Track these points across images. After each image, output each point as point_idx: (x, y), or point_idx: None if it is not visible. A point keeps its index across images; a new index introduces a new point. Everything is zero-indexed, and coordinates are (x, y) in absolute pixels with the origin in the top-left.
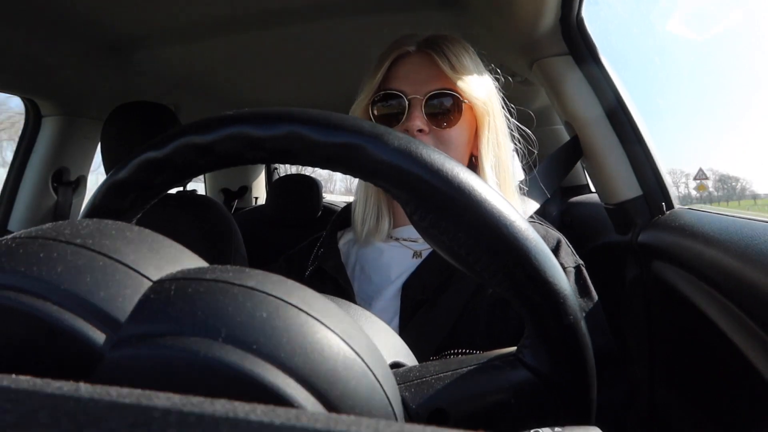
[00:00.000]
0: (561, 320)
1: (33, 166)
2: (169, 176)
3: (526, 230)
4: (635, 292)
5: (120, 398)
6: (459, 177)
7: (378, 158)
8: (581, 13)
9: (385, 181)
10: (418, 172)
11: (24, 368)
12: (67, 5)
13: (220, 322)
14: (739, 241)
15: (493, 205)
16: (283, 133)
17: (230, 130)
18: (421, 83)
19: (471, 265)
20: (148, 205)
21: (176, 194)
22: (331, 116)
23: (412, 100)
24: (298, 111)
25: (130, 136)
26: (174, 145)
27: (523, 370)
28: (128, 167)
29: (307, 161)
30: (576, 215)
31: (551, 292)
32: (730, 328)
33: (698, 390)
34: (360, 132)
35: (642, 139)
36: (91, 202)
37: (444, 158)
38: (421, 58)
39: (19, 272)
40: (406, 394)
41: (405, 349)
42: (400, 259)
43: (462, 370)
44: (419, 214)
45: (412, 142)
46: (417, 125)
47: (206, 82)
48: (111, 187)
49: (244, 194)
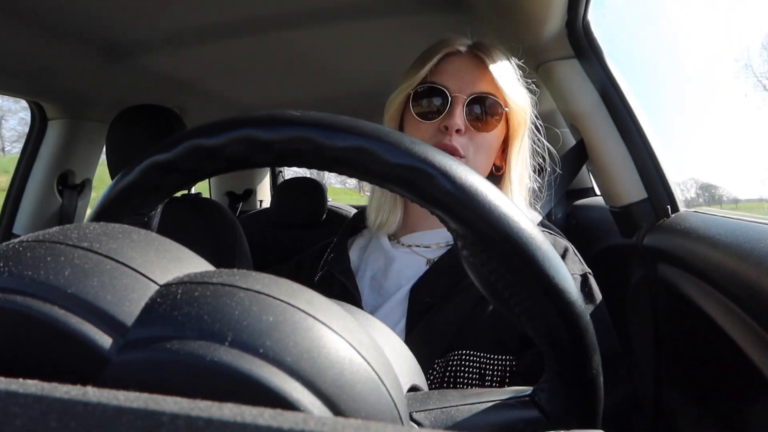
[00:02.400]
0: (584, 374)
1: (38, 169)
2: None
3: (572, 286)
4: (641, 295)
5: (128, 402)
6: (520, 224)
7: (443, 189)
8: (587, 17)
9: (445, 213)
10: (479, 212)
11: (31, 372)
12: (72, 9)
13: (226, 326)
14: (746, 244)
15: (546, 257)
16: (352, 145)
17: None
18: (467, 83)
19: (511, 307)
20: (156, 207)
21: (181, 197)
22: (402, 138)
23: (455, 98)
24: (370, 126)
25: (136, 139)
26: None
27: (535, 411)
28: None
29: (365, 177)
30: (581, 218)
31: (583, 347)
32: (736, 332)
33: (705, 393)
34: (430, 160)
35: (647, 142)
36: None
37: (506, 201)
38: (471, 59)
39: (27, 276)
40: (424, 422)
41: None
42: (414, 266)
43: (480, 405)
44: (470, 251)
45: (479, 180)
46: (457, 123)
47: (211, 85)
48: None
49: (249, 197)
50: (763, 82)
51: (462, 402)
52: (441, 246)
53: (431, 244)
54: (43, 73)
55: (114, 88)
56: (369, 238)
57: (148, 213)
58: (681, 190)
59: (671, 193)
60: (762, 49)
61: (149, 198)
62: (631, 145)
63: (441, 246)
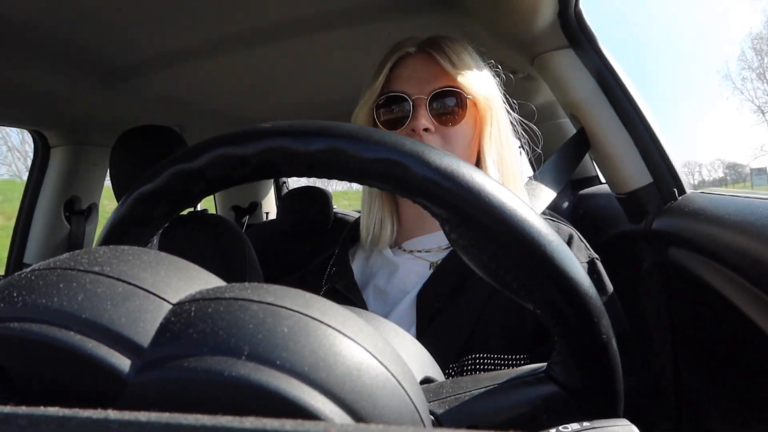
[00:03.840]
0: (595, 340)
1: (45, 198)
2: (200, 188)
3: (564, 251)
4: (653, 280)
5: (149, 423)
6: (500, 198)
7: (419, 176)
8: (579, 6)
9: (426, 199)
10: (460, 192)
11: (51, 399)
12: (68, 37)
13: (242, 340)
14: (755, 221)
15: (533, 225)
16: (323, 147)
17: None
18: (424, 83)
19: (508, 283)
20: (175, 214)
21: (187, 215)
22: (373, 133)
23: (416, 101)
24: (339, 126)
25: (138, 160)
26: (209, 156)
27: (553, 386)
28: (159, 177)
29: (343, 176)
30: (588, 207)
31: (587, 312)
32: (751, 310)
33: (725, 376)
34: (401, 149)
35: (648, 127)
36: (117, 213)
37: (485, 178)
38: (422, 59)
39: (41, 304)
40: (439, 411)
41: (430, 360)
42: (418, 271)
43: (494, 387)
44: (458, 233)
45: (454, 160)
46: (423, 124)
47: (210, 102)
48: (140, 197)
49: (255, 210)
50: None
51: (476, 386)
52: (442, 249)
53: (432, 248)
54: (43, 101)
55: (114, 112)
56: (370, 247)
57: (168, 219)
58: (708, 171)
59: (677, 176)
60: (738, 60)
61: (144, 228)
62: (633, 131)
63: (442, 249)
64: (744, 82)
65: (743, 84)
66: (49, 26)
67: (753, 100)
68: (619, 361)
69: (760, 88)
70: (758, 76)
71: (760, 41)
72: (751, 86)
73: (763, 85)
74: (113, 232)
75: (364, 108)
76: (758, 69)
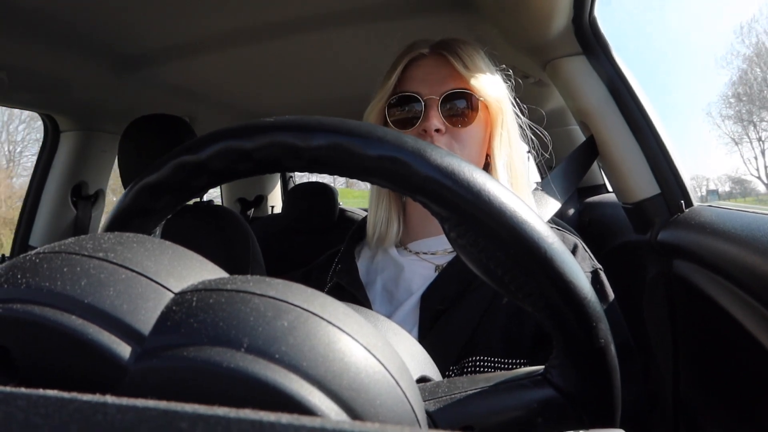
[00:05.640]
0: (592, 344)
1: (52, 182)
2: (204, 180)
3: (564, 253)
4: (657, 292)
5: (147, 410)
6: (500, 197)
7: (420, 174)
8: (594, 13)
9: (426, 197)
10: (459, 191)
11: (51, 382)
12: (82, 22)
13: (242, 332)
14: (762, 237)
15: (533, 227)
16: (325, 143)
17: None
18: (436, 84)
19: (506, 284)
20: (178, 207)
21: (193, 205)
22: (375, 129)
23: (428, 101)
24: (341, 122)
25: (147, 149)
26: (213, 149)
27: (549, 389)
28: (163, 169)
29: (345, 172)
30: (594, 215)
31: (585, 315)
32: (755, 327)
33: (724, 390)
34: (403, 147)
35: (658, 137)
36: (120, 203)
37: (486, 177)
38: (435, 60)
39: (44, 287)
40: (434, 411)
41: (428, 360)
42: (423, 273)
43: (490, 388)
44: (458, 232)
45: (454, 159)
46: (434, 125)
47: (220, 93)
48: (143, 188)
49: (261, 203)
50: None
51: (472, 387)
52: (447, 252)
53: (438, 251)
54: (55, 86)
55: (125, 99)
56: (376, 245)
57: (171, 211)
58: (715, 185)
59: (684, 188)
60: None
61: (147, 219)
62: (642, 140)
63: (447, 252)
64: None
65: (723, 122)
66: (66, 13)
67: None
68: (617, 367)
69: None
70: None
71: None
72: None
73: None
74: (116, 222)
75: (376, 107)
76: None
